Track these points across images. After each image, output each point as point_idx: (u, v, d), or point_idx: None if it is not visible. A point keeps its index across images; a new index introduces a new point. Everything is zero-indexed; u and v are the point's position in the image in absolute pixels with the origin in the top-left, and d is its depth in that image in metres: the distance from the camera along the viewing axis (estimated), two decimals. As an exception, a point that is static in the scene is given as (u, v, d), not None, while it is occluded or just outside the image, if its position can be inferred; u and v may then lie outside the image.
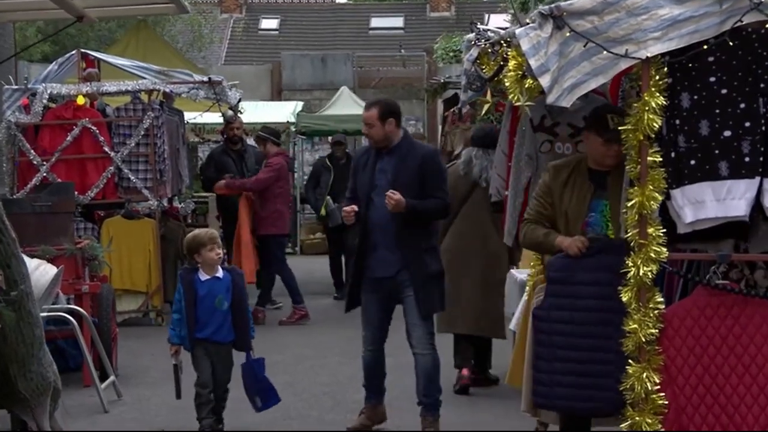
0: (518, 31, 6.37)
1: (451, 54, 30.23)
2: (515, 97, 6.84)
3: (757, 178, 6.16)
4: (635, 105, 6.24)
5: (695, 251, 6.79)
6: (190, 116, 16.56)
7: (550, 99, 6.36)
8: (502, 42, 7.33)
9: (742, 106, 6.21)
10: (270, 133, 14.85)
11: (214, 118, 17.01)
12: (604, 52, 6.17)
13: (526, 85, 6.64)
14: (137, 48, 17.74)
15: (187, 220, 16.22)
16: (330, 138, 26.71)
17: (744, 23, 6.08)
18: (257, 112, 22.10)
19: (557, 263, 6.96)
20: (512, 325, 9.71)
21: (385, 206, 8.30)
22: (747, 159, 6.18)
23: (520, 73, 6.66)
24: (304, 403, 9.82)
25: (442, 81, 18.23)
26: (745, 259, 6.51)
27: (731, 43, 6.09)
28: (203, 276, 8.59)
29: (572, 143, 8.14)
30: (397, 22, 42.69)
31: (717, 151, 6.21)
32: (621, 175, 6.82)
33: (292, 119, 23.76)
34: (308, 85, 28.95)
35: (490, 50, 7.64)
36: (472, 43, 7.92)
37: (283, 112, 24.11)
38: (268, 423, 9.08)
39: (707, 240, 6.48)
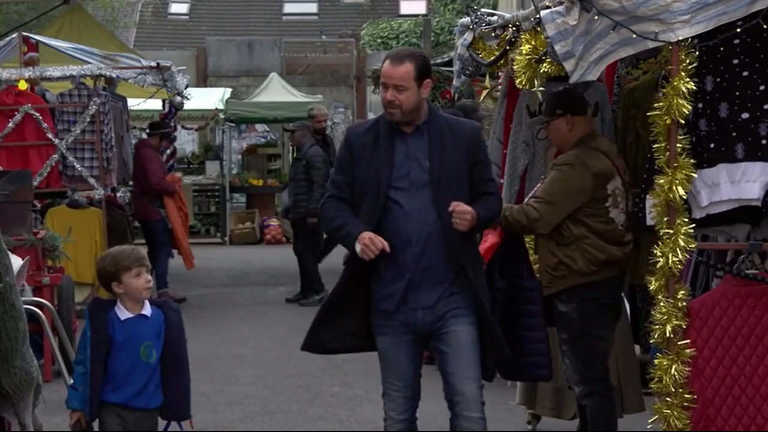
0: (544, 14, 6.18)
1: (379, 40, 30.11)
2: (524, 82, 6.68)
3: None
4: (664, 90, 6.06)
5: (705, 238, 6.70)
6: (133, 102, 16.15)
7: (573, 78, 6.21)
8: (510, 26, 7.16)
9: (762, 88, 6.12)
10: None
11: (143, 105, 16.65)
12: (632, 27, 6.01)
13: (542, 69, 6.48)
14: (71, 31, 17.16)
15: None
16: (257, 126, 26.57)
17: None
18: (185, 98, 21.75)
19: None
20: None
21: (419, 210, 5.95)
22: (764, 141, 6.09)
23: (535, 57, 6.49)
24: (280, 397, 9.57)
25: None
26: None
27: (765, 26, 5.95)
28: (123, 313, 5.93)
29: (569, 130, 8.00)
30: (311, 7, 42.28)
31: (734, 134, 6.13)
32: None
33: (221, 106, 23.43)
34: (234, 72, 28.54)
35: (493, 34, 7.47)
36: (470, 27, 7.75)
37: (211, 98, 23.75)
38: (248, 418, 8.83)
39: (720, 225, 6.39)
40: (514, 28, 7.04)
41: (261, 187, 24.46)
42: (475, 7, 7.73)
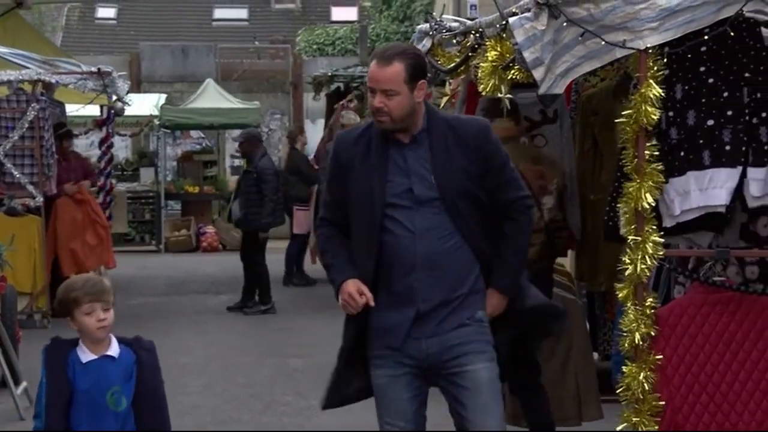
0: (512, 20, 6.11)
1: (315, 47, 29.99)
2: (488, 88, 6.61)
3: (739, 168, 6.06)
4: (632, 97, 6.04)
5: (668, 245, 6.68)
6: (71, 108, 15.92)
7: (542, 89, 6.15)
8: (472, 32, 7.10)
9: (725, 95, 6.11)
10: None
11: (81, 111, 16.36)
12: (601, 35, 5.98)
13: (509, 76, 6.42)
14: (5, 36, 16.83)
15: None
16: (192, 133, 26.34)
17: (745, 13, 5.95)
18: (119, 104, 21.45)
19: None
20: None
21: (426, 230, 5.14)
22: (728, 148, 6.08)
23: (501, 63, 6.42)
24: (230, 406, 9.45)
25: (329, 74, 17.87)
26: (744, 255, 6.37)
27: (732, 33, 5.95)
28: (86, 355, 5.00)
29: (528, 137, 7.98)
30: (242, 13, 42.14)
31: (701, 141, 6.11)
32: None
33: (155, 112, 23.18)
34: (169, 77, 28.23)
35: (454, 41, 7.40)
36: (429, 33, 7.68)
37: (145, 104, 23.44)
38: (200, 427, 8.70)
39: (687, 233, 6.38)
40: (477, 35, 6.97)
41: (197, 194, 24.27)
42: (434, 14, 7.64)
